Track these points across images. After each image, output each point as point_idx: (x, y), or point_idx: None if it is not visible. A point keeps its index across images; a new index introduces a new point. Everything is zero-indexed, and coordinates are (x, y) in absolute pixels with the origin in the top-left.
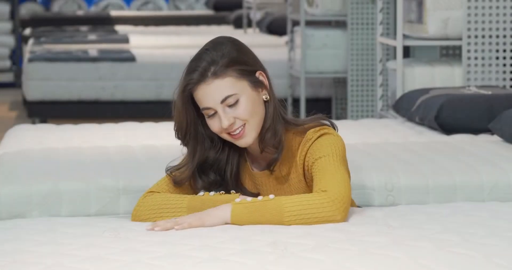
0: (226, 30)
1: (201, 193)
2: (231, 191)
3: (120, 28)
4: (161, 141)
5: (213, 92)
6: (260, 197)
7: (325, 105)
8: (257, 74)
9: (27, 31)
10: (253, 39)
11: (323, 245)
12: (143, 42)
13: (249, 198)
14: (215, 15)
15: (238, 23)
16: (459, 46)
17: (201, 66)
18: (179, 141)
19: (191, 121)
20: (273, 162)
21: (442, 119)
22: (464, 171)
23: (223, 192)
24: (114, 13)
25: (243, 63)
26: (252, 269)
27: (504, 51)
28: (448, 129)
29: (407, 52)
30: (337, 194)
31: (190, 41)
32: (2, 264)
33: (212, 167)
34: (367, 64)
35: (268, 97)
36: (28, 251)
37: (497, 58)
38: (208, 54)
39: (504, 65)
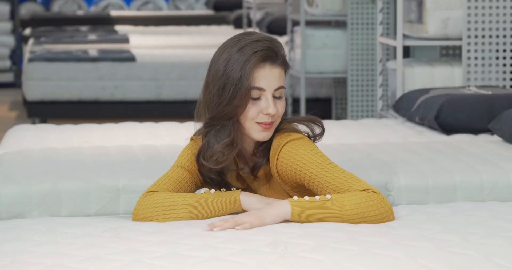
0: (226, 30)
1: (202, 190)
2: (232, 188)
3: (120, 28)
4: (161, 141)
5: (273, 77)
6: (317, 197)
7: (325, 105)
8: None
9: (27, 31)
10: None
11: (323, 245)
12: (143, 42)
13: (257, 196)
14: (215, 15)
15: (238, 23)
16: (459, 46)
17: (269, 46)
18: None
19: (247, 101)
20: (256, 167)
21: (442, 119)
22: (464, 171)
23: (224, 189)
24: (114, 13)
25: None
26: (252, 269)
27: (504, 51)
28: (448, 129)
29: (407, 52)
30: (381, 193)
31: (190, 41)
32: (2, 264)
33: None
34: (367, 64)
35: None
36: (28, 251)
37: (497, 58)
38: (277, 42)
39: (504, 65)
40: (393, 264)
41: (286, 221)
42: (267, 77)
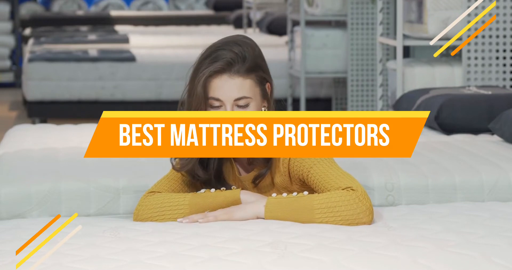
0: (226, 30)
1: (202, 190)
2: (232, 187)
3: (120, 28)
4: None
5: (232, 87)
6: (294, 193)
7: (325, 105)
8: (267, 85)
9: (27, 31)
10: (253, 39)
11: (323, 245)
12: (143, 42)
13: (257, 195)
14: (215, 15)
15: (238, 23)
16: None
17: (231, 57)
18: None
19: (204, 108)
20: (258, 177)
21: (442, 119)
22: (464, 171)
23: (224, 188)
24: (114, 13)
25: (264, 71)
26: (252, 269)
27: (504, 51)
28: (448, 129)
29: (407, 52)
30: (364, 193)
31: (190, 41)
32: (2, 264)
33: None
34: (367, 64)
35: (266, 110)
36: (28, 251)
37: (497, 58)
38: (239, 48)
39: (504, 65)
40: (393, 264)
41: (259, 217)
42: (224, 87)
